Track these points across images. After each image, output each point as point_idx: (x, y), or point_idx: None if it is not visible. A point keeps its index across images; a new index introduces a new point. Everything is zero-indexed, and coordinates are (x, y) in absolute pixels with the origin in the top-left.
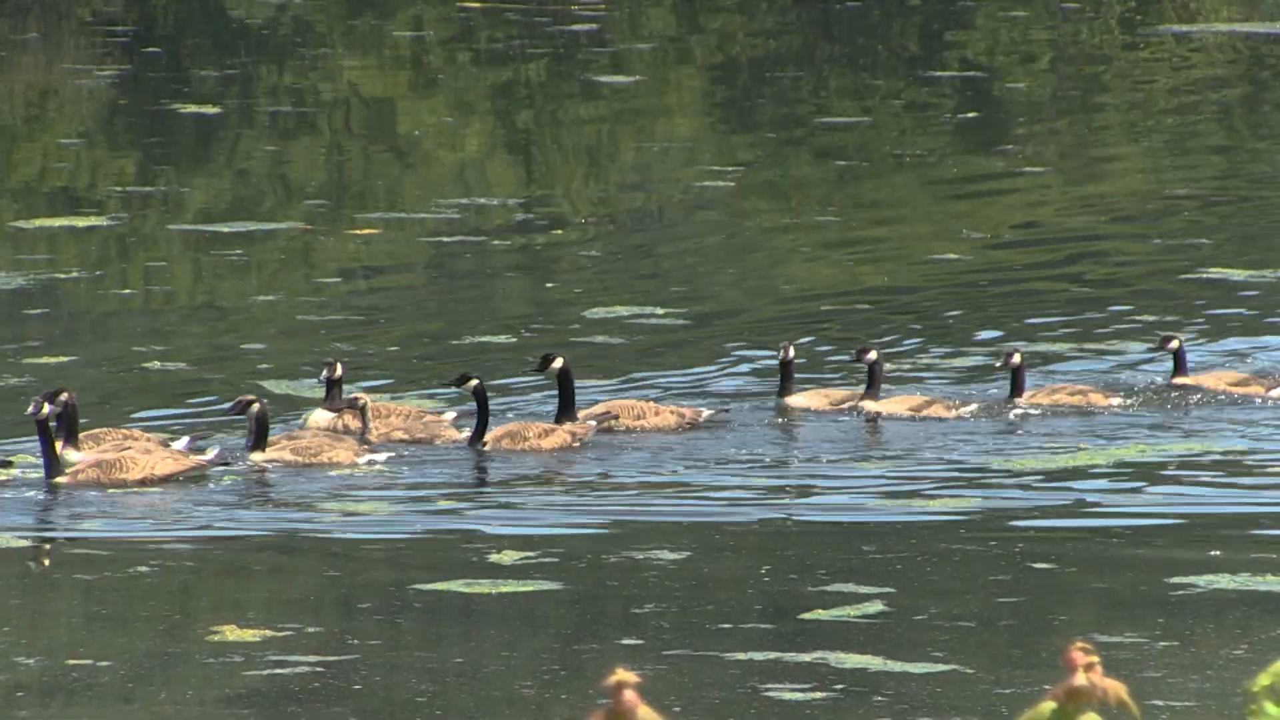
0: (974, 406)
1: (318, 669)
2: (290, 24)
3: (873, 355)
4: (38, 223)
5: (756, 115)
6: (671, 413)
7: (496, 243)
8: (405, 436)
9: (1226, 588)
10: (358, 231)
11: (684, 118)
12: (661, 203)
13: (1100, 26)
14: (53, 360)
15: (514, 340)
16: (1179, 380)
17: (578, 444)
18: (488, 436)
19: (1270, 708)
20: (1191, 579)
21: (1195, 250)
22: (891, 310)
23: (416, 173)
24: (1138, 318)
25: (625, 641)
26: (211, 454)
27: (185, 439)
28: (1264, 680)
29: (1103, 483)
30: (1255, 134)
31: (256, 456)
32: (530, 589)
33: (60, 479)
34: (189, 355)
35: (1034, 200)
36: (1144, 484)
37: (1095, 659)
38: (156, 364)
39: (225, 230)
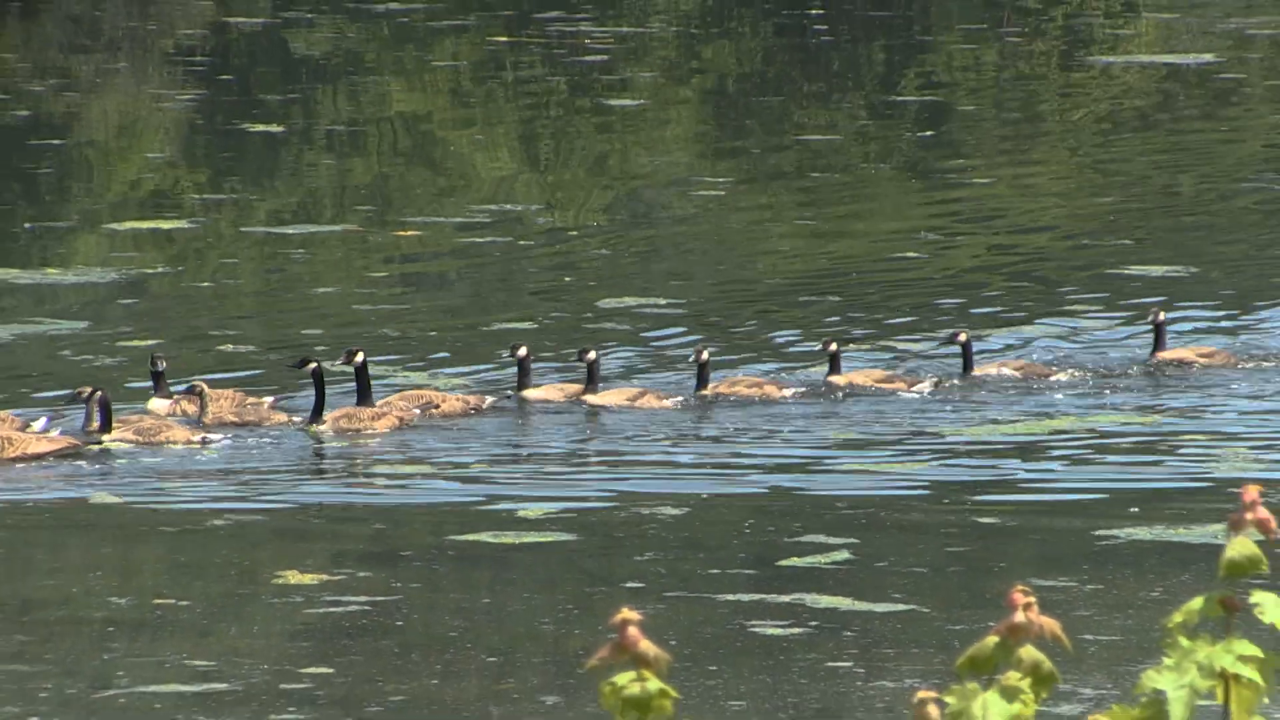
0: (681, 398)
1: (366, 608)
2: (344, 55)
3: (592, 355)
4: (129, 225)
5: (743, 133)
6: (458, 399)
7: (520, 242)
8: (235, 419)
9: (1143, 539)
10: (401, 233)
11: (681, 135)
12: (661, 207)
13: (1039, 58)
14: (141, 343)
15: (535, 325)
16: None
17: (405, 425)
18: (326, 417)
19: (1183, 640)
20: (1113, 532)
21: (1116, 248)
22: (848, 296)
23: (451, 182)
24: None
25: (629, 585)
26: (39, 424)
27: (44, 419)
28: (1177, 618)
29: (1038, 450)
30: (1171, 148)
31: (106, 438)
32: (549, 540)
33: None
34: (256, 338)
35: (980, 205)
36: (1073, 452)
37: (1033, 600)
38: (229, 346)
39: (288, 232)
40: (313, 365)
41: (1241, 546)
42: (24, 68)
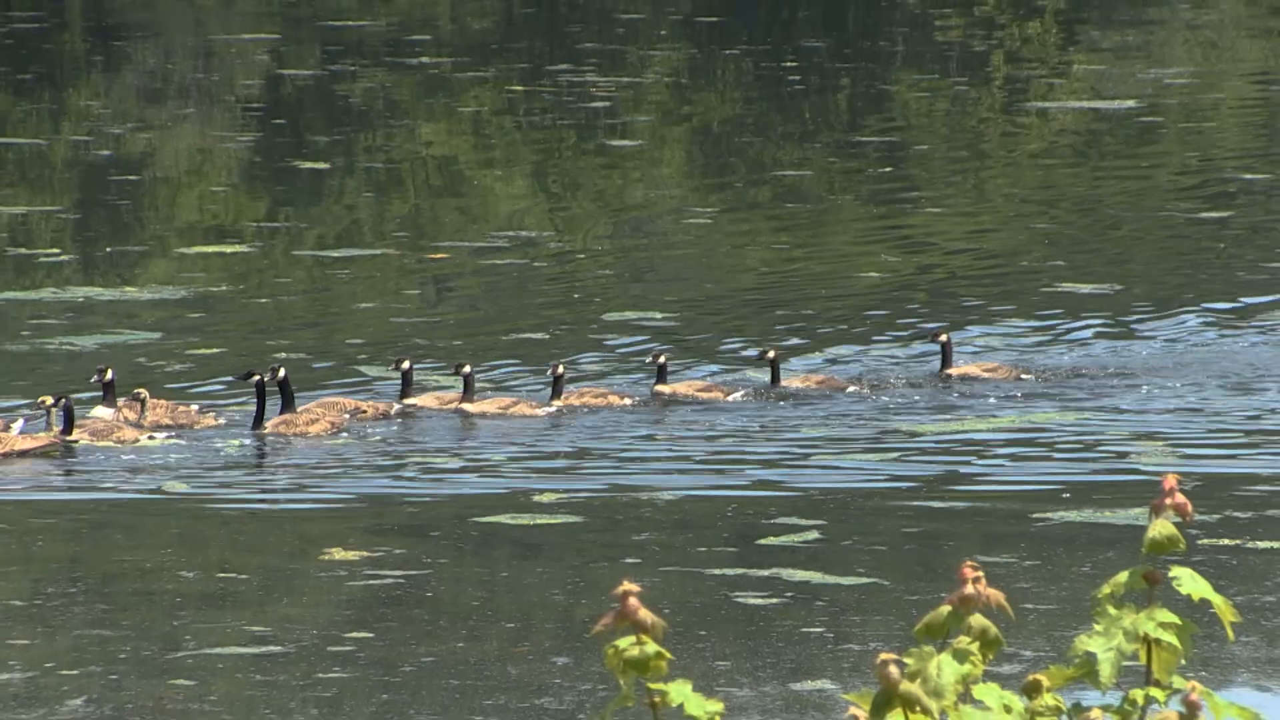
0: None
1: (400, 581)
2: (382, 102)
3: (467, 369)
4: (195, 249)
5: (727, 169)
6: (373, 405)
7: (534, 263)
8: (170, 422)
9: (1074, 521)
10: (432, 255)
11: (673, 171)
12: (656, 233)
13: (984, 103)
14: (206, 351)
15: (546, 336)
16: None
17: (338, 429)
18: (267, 424)
19: (1110, 609)
20: (1048, 516)
21: (1049, 267)
22: (817, 308)
23: (474, 211)
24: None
25: (628, 562)
26: (17, 426)
27: (21, 422)
28: (1105, 589)
29: (983, 445)
30: (1097, 181)
31: (67, 438)
32: (559, 523)
33: None
34: (307, 348)
35: (931, 230)
36: (1013, 449)
37: (980, 574)
38: (283, 354)
39: (334, 255)
40: (255, 377)
41: (1162, 528)
42: (106, 113)
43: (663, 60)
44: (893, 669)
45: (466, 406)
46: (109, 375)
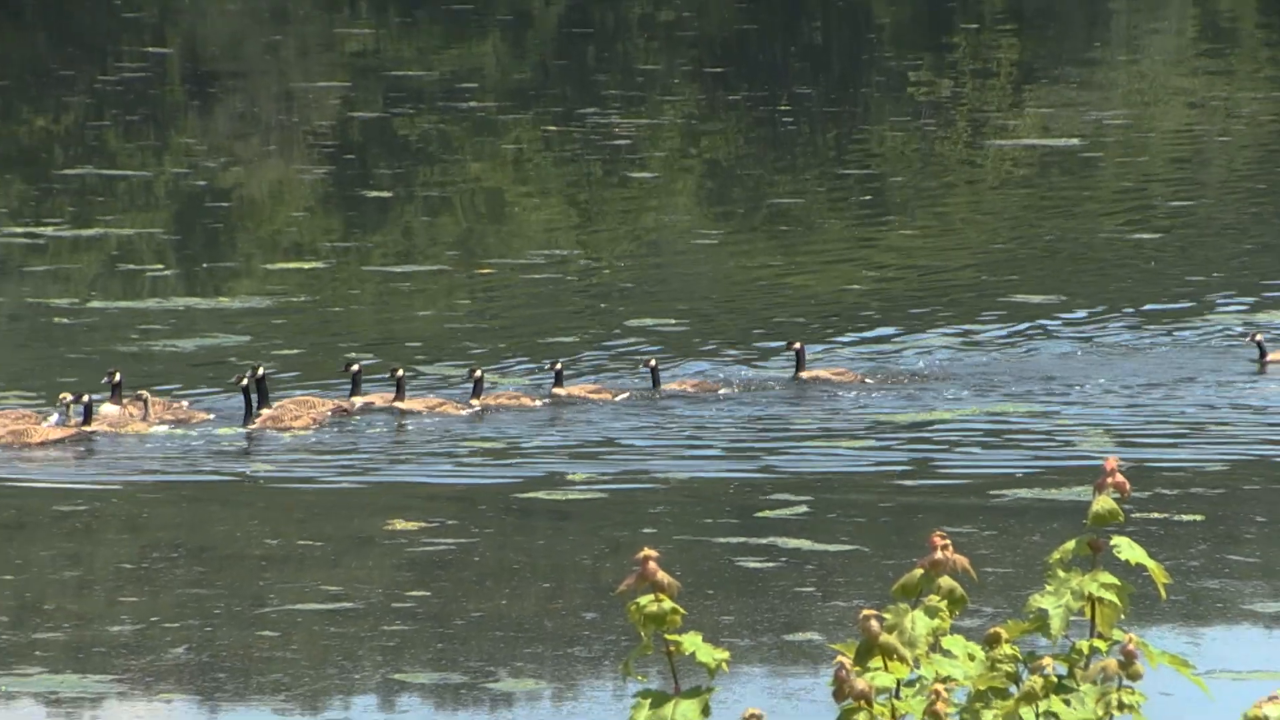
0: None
1: (452, 547)
2: (437, 140)
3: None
4: (278, 265)
5: (730, 198)
6: (334, 403)
7: (566, 277)
8: (171, 418)
9: (1026, 498)
10: (480, 271)
11: (685, 199)
12: (670, 252)
13: (949, 141)
14: (288, 352)
15: (576, 339)
16: (802, 375)
17: (320, 425)
18: (256, 419)
19: (1060, 572)
20: (1004, 492)
21: (1005, 280)
22: (808, 318)
23: (514, 233)
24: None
25: (646, 531)
26: (52, 419)
27: (55, 416)
28: (1055, 555)
29: (946, 433)
30: (1045, 206)
31: (86, 428)
32: (588, 498)
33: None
34: (374, 350)
35: (904, 249)
36: (974, 435)
37: (947, 542)
38: (352, 354)
39: (396, 270)
40: (245, 380)
41: (1104, 503)
42: (202, 150)
43: (676, 105)
44: (873, 623)
45: (399, 404)
46: (117, 377)
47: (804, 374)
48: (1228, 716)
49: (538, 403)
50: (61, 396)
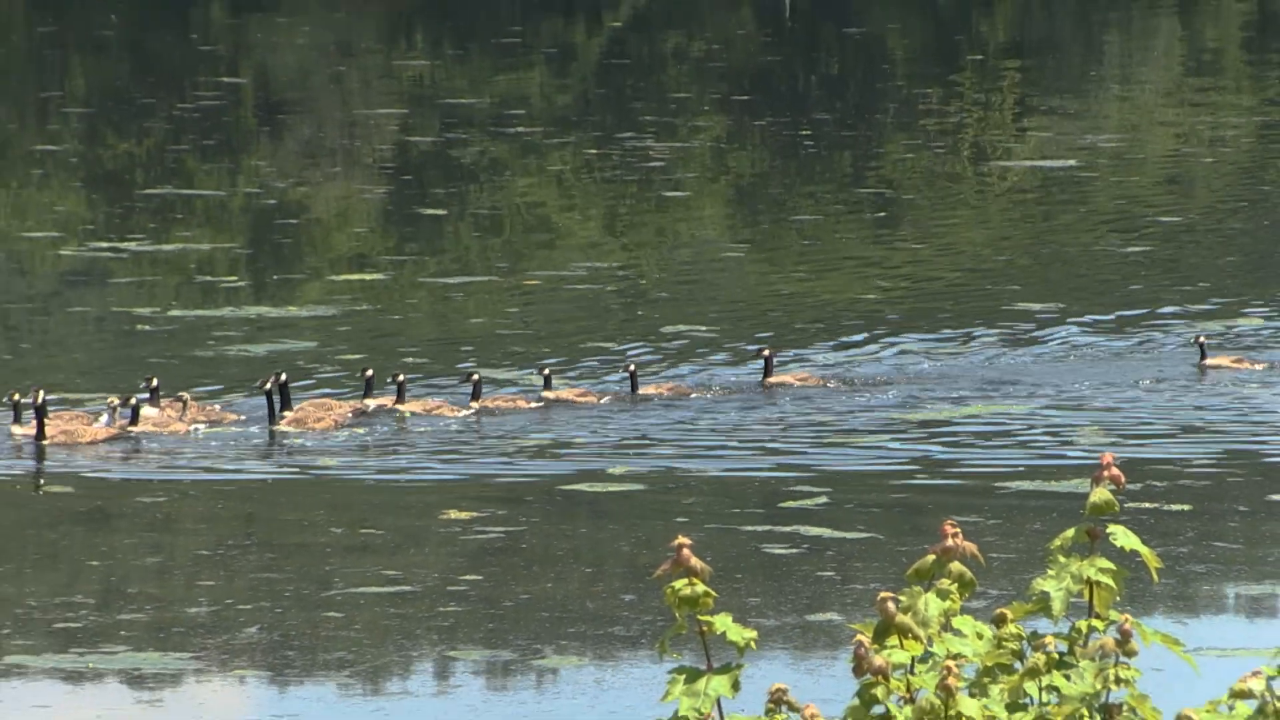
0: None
1: (501, 535)
2: (488, 162)
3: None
4: (342, 276)
5: (755, 215)
6: (350, 405)
7: (606, 288)
8: (204, 419)
9: (1028, 489)
10: (527, 282)
11: (714, 216)
12: (700, 263)
13: (956, 162)
14: (352, 357)
15: (616, 345)
16: (769, 380)
17: (342, 426)
18: (284, 421)
19: (1060, 558)
20: (1008, 485)
21: (1007, 289)
22: (827, 323)
23: (559, 247)
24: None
25: (680, 520)
26: (103, 419)
27: (105, 417)
28: (1056, 542)
29: (953, 431)
30: (1045, 222)
31: (132, 428)
32: (626, 490)
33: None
34: (431, 353)
35: (914, 261)
36: (978, 432)
37: (957, 530)
38: (410, 359)
39: (450, 281)
40: (267, 385)
41: (1101, 494)
42: (272, 171)
43: (705, 130)
44: (890, 604)
45: (399, 407)
46: (154, 382)
47: (770, 379)
48: (1214, 691)
49: (531, 405)
50: (109, 399)
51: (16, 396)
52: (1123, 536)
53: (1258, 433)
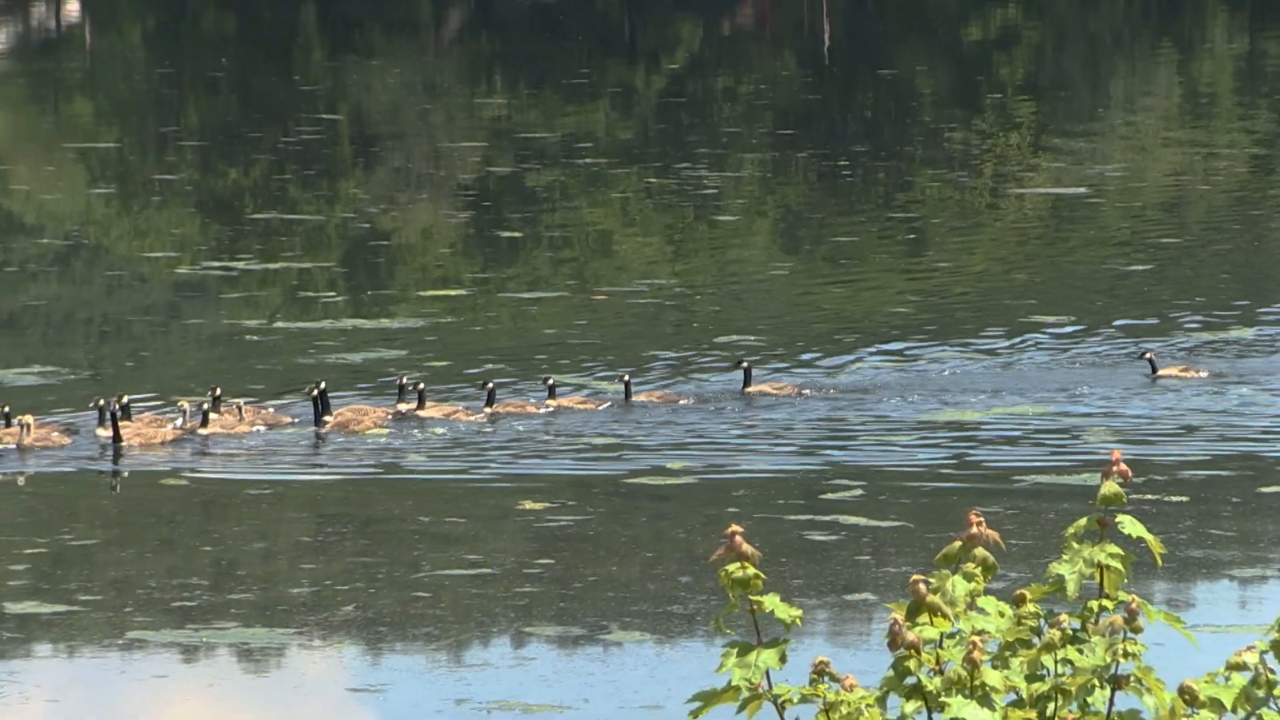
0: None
1: (571, 524)
2: (558, 189)
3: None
4: (429, 292)
5: (799, 236)
6: (384, 411)
7: (665, 302)
8: (261, 423)
9: (1045, 482)
10: (595, 296)
11: (761, 238)
12: (749, 281)
13: (977, 189)
14: (438, 364)
15: (673, 353)
16: (748, 389)
17: (384, 426)
18: (328, 424)
19: (1074, 544)
20: (1025, 479)
21: (1022, 303)
22: (862, 334)
23: (622, 266)
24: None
25: (731, 510)
26: (178, 421)
27: (180, 418)
28: (1070, 530)
29: (976, 430)
30: (1056, 244)
31: (202, 430)
32: (683, 483)
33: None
34: (508, 359)
35: (941, 279)
36: (998, 431)
37: (981, 519)
38: (489, 366)
39: (525, 296)
40: (314, 390)
41: (1110, 487)
42: (366, 198)
43: (753, 161)
44: (921, 586)
45: (419, 412)
46: (218, 391)
47: (750, 389)
48: (1212, 664)
49: (540, 410)
50: (180, 403)
51: (101, 402)
52: (1130, 525)
53: (1248, 433)
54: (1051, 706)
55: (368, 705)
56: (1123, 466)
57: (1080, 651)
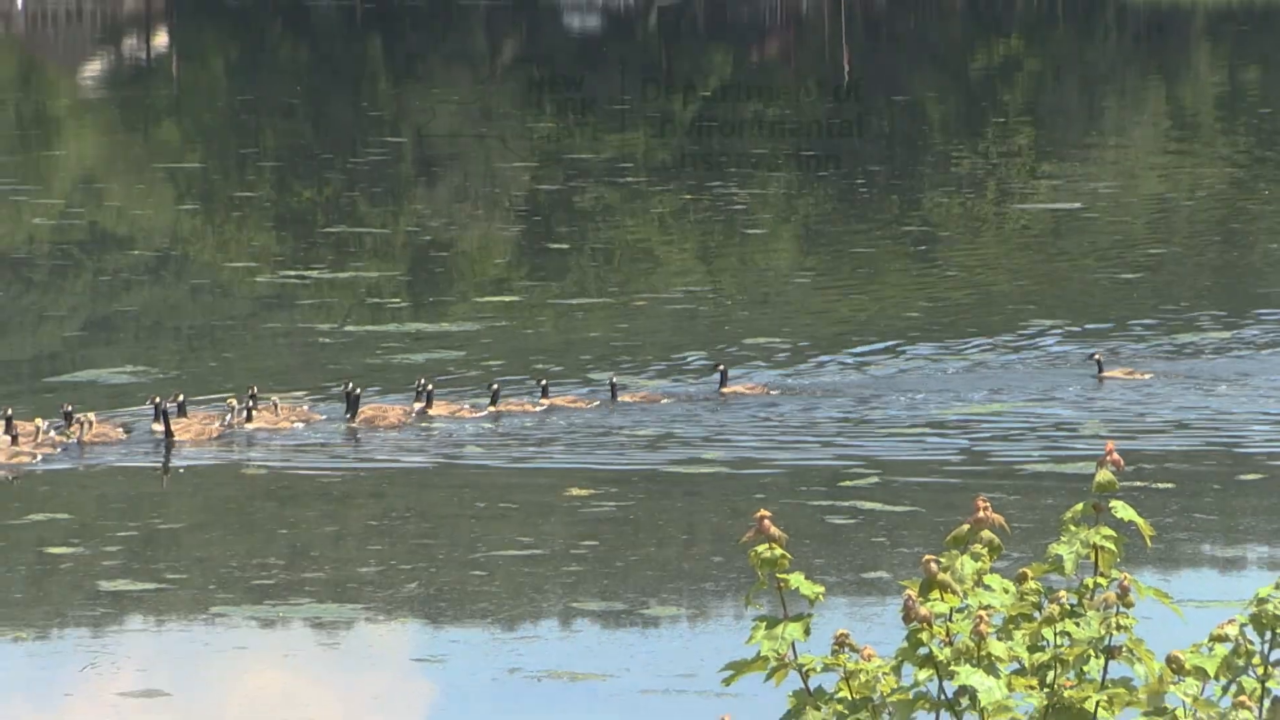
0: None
1: (612, 509)
2: (602, 206)
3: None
4: (486, 299)
5: (818, 249)
6: (404, 409)
7: (699, 307)
8: (297, 419)
9: (1043, 470)
10: (634, 303)
11: (785, 249)
12: (774, 288)
13: (983, 205)
14: (493, 363)
15: (705, 354)
16: (724, 390)
17: (411, 419)
18: (357, 420)
19: (1071, 527)
20: (1026, 467)
21: (1022, 309)
22: (874, 338)
23: (660, 274)
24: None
25: (758, 496)
26: (226, 418)
27: (227, 415)
28: (1068, 514)
29: (980, 424)
30: (1054, 254)
31: (248, 425)
32: (716, 472)
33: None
34: (557, 360)
35: (949, 287)
36: (1001, 425)
37: (987, 504)
38: (540, 366)
39: (571, 302)
40: (347, 390)
41: (1104, 475)
42: (427, 213)
43: (779, 179)
44: (932, 565)
45: (428, 410)
46: (254, 390)
47: (725, 390)
48: (1197, 635)
49: (537, 408)
50: (229, 401)
51: (158, 400)
52: (1122, 509)
53: (1228, 426)
54: (1051, 674)
55: (429, 674)
56: (1116, 457)
57: (1077, 624)
